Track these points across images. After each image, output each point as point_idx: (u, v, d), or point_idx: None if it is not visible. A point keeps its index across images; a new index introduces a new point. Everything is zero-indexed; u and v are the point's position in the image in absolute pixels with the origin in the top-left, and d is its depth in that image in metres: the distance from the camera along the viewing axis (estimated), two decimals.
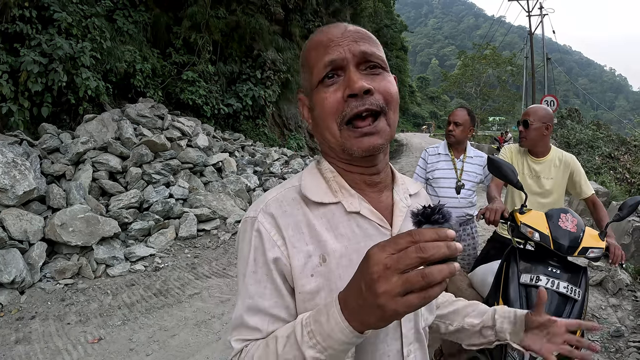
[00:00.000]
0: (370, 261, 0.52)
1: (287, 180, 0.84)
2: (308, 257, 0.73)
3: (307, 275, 0.72)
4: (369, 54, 0.74)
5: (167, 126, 7.96)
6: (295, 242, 0.73)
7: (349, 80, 0.72)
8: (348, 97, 0.71)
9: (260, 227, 0.74)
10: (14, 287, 3.99)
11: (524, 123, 2.45)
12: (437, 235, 0.50)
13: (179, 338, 3.42)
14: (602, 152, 12.36)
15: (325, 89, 0.74)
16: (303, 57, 0.81)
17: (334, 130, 0.74)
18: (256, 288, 0.72)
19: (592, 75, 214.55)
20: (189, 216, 5.93)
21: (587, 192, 2.47)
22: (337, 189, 0.79)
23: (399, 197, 0.85)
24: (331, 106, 0.73)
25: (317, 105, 0.76)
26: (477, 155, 2.91)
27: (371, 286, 0.52)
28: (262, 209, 0.76)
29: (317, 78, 0.75)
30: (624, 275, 4.21)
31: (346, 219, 0.77)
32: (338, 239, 0.75)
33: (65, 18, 6.38)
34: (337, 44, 0.74)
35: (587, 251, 1.71)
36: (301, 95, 0.85)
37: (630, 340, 3.30)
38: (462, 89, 38.60)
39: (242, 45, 12.08)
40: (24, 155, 5.00)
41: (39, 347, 3.26)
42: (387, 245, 0.52)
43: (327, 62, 0.73)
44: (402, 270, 0.50)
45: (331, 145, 0.78)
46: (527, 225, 1.77)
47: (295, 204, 0.77)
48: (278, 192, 0.79)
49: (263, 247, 0.73)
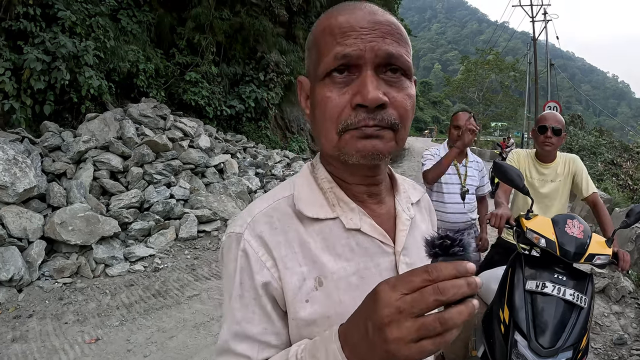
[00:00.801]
0: (380, 302, 0.46)
1: (277, 187, 0.75)
2: (302, 280, 0.65)
3: (302, 300, 0.64)
4: (395, 57, 0.61)
5: (169, 126, 7.95)
6: (287, 263, 0.65)
7: (363, 86, 0.59)
8: (357, 105, 0.60)
9: (247, 247, 0.65)
10: (12, 285, 3.96)
11: (555, 131, 2.39)
12: (457, 270, 0.44)
13: (177, 340, 3.39)
14: (604, 158, 12.34)
15: (331, 86, 0.62)
16: (312, 37, 0.68)
17: (332, 136, 0.63)
18: (243, 313, 0.65)
19: (595, 81, 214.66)
20: (189, 217, 5.91)
21: (588, 191, 2.44)
22: (335, 202, 0.70)
23: (401, 208, 0.76)
24: (334, 111, 0.61)
25: (318, 103, 0.64)
26: (476, 161, 2.88)
27: (381, 330, 0.46)
28: (249, 224, 0.67)
29: (325, 70, 0.62)
30: (627, 282, 4.18)
31: (345, 236, 0.68)
32: (336, 260, 0.67)
33: (69, 16, 6.38)
34: (358, 35, 0.60)
35: (593, 258, 1.68)
36: (302, 77, 0.73)
37: (633, 348, 3.26)
38: (465, 94, 38.52)
39: (246, 47, 12.08)
40: (25, 153, 4.98)
41: (36, 346, 3.23)
42: (400, 284, 0.46)
43: (339, 55, 0.60)
44: (417, 314, 0.44)
45: (326, 148, 0.67)
46: (533, 231, 1.74)
47: (287, 219, 0.68)
48: (267, 205, 0.70)
49: (250, 270, 0.64)
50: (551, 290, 1.63)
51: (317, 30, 0.67)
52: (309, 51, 0.70)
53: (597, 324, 3.63)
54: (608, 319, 3.74)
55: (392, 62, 0.61)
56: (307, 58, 0.71)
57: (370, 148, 0.61)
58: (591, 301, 1.69)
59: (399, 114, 0.62)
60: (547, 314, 1.60)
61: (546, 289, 1.64)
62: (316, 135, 0.69)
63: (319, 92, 0.64)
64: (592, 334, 3.48)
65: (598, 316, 3.76)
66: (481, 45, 48.98)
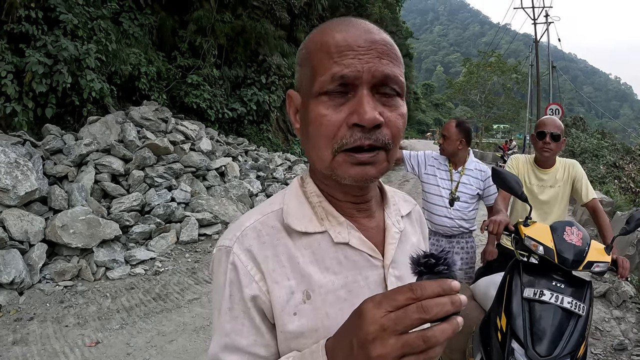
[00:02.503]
0: (365, 319, 0.47)
1: (267, 201, 0.75)
2: (290, 294, 0.65)
3: (290, 313, 0.65)
4: (390, 78, 0.62)
5: (171, 129, 7.96)
6: (276, 277, 0.65)
7: (360, 106, 0.59)
8: (353, 125, 0.60)
9: (236, 260, 0.66)
10: (13, 288, 3.97)
11: (554, 136, 2.39)
12: (441, 288, 0.45)
13: (177, 344, 3.39)
14: (606, 161, 12.30)
15: (326, 103, 0.61)
16: (305, 53, 0.67)
17: (326, 155, 0.63)
18: (233, 325, 0.66)
19: (597, 83, 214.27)
20: (190, 220, 5.91)
21: (588, 197, 2.43)
22: (324, 216, 0.70)
23: (391, 222, 0.76)
24: (329, 129, 0.61)
25: (312, 120, 0.63)
26: (478, 169, 2.84)
27: (365, 347, 0.46)
28: (238, 238, 0.68)
29: (320, 88, 0.62)
30: (628, 287, 4.16)
31: (333, 250, 0.68)
32: (324, 273, 0.67)
33: (71, 20, 6.40)
34: (356, 55, 0.60)
35: (592, 265, 1.68)
36: (292, 92, 0.71)
37: (634, 353, 3.25)
38: (467, 96, 38.47)
39: (247, 50, 12.10)
40: (26, 156, 5.00)
41: (36, 349, 3.24)
42: (384, 302, 0.46)
43: (336, 76, 0.60)
44: (401, 331, 0.45)
45: (317, 165, 0.68)
46: (531, 238, 1.74)
47: (275, 233, 0.68)
48: (256, 219, 0.70)
49: (239, 283, 0.65)
50: (549, 298, 1.63)
51: (311, 46, 0.66)
52: (301, 66, 0.69)
53: (597, 329, 3.62)
54: (609, 324, 3.73)
55: (388, 83, 0.62)
56: (297, 72, 0.71)
57: (362, 175, 0.62)
58: (590, 309, 1.68)
59: (392, 134, 0.63)
60: (545, 321, 1.60)
61: (544, 297, 1.63)
62: (307, 151, 0.69)
63: (313, 109, 0.63)
64: (593, 339, 3.47)
65: (598, 321, 3.75)
66: (483, 48, 48.98)
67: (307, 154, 0.70)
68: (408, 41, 33.41)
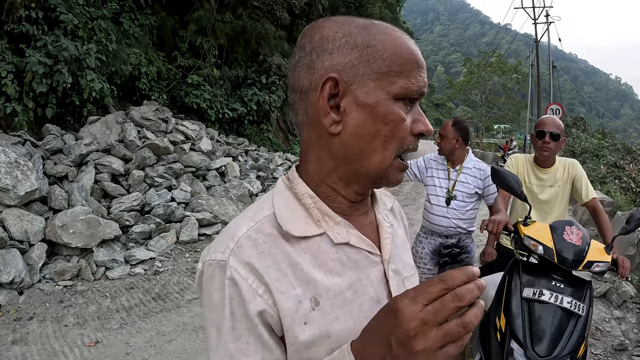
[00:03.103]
0: (403, 316, 0.47)
1: (254, 206, 0.71)
2: (298, 303, 0.62)
3: (300, 323, 0.61)
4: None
5: (171, 129, 7.96)
6: (280, 287, 0.61)
7: (424, 119, 0.66)
8: (419, 133, 0.66)
9: (235, 275, 0.60)
10: (13, 288, 3.97)
11: (554, 136, 2.38)
12: (467, 276, 0.47)
13: (176, 343, 3.39)
14: (607, 161, 12.28)
15: (405, 109, 0.64)
16: (378, 44, 0.63)
17: (389, 156, 0.64)
18: (237, 345, 0.60)
19: (598, 83, 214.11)
20: (190, 220, 5.91)
21: (588, 196, 2.42)
22: (320, 217, 0.67)
23: (382, 217, 0.77)
24: (405, 133, 0.64)
25: (389, 121, 0.62)
26: (477, 168, 2.83)
27: (407, 344, 0.47)
28: (232, 250, 0.62)
29: (402, 93, 0.63)
30: (628, 287, 4.16)
31: (334, 251, 0.66)
32: (328, 277, 0.65)
33: (71, 20, 6.40)
34: (424, 75, 0.66)
35: (592, 265, 1.67)
36: (334, 74, 0.63)
37: (634, 354, 3.25)
38: (468, 96, 38.49)
39: (248, 50, 12.10)
40: (26, 156, 5.00)
41: (36, 348, 3.24)
42: (419, 296, 0.48)
43: (420, 90, 0.64)
44: (440, 322, 0.46)
45: (365, 164, 0.65)
46: (531, 238, 1.73)
47: (272, 241, 0.64)
48: (249, 227, 0.65)
49: (242, 299, 0.60)
50: (548, 298, 1.62)
51: (395, 43, 0.64)
52: (361, 51, 0.63)
53: (597, 329, 3.61)
54: (609, 324, 3.72)
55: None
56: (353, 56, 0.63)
57: (401, 180, 0.70)
58: (589, 309, 1.68)
59: None
60: (544, 322, 1.59)
61: (543, 297, 1.63)
62: (357, 148, 0.65)
63: (395, 111, 0.63)
64: (593, 339, 3.46)
65: (599, 321, 3.74)
66: (484, 48, 48.97)
67: (348, 152, 0.65)
68: None
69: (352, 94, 0.63)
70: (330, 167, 0.68)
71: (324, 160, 0.68)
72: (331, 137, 0.65)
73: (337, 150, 0.66)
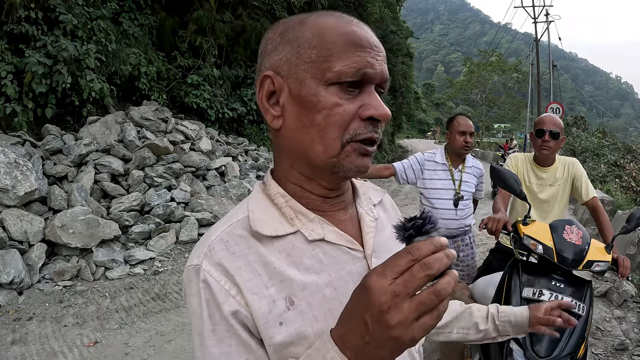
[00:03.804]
0: (374, 291, 0.46)
1: (232, 211, 0.71)
2: (272, 303, 0.61)
3: (275, 324, 0.60)
4: (387, 83, 0.65)
5: (171, 129, 7.95)
6: (253, 288, 0.61)
7: (377, 102, 0.61)
8: (368, 118, 0.61)
9: (207, 277, 0.61)
10: (13, 288, 3.97)
11: (553, 134, 2.36)
12: (434, 246, 0.47)
13: (175, 343, 3.38)
14: (607, 160, 12.29)
15: (341, 94, 0.60)
16: (310, 35, 0.63)
17: (334, 145, 0.61)
18: (220, 348, 0.60)
19: (598, 82, 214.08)
20: (190, 220, 5.91)
21: (588, 196, 2.42)
22: (293, 215, 0.67)
23: (364, 211, 0.75)
24: (344, 119, 0.60)
25: (322, 109, 0.61)
26: (475, 166, 2.83)
27: (381, 319, 0.46)
28: (205, 254, 0.62)
29: (336, 78, 0.60)
30: (629, 286, 4.15)
31: (310, 248, 0.65)
32: (305, 275, 0.63)
33: (70, 20, 6.39)
34: (375, 56, 0.62)
35: (592, 264, 1.66)
36: (271, 72, 0.65)
37: (634, 353, 3.24)
38: (468, 95, 38.51)
39: (248, 50, 12.09)
40: (26, 156, 5.00)
41: (35, 348, 3.24)
42: (387, 270, 0.47)
43: (361, 71, 0.60)
44: (412, 294, 0.46)
45: (313, 156, 0.63)
46: (530, 237, 1.72)
47: (244, 242, 0.64)
48: (222, 230, 0.65)
49: (216, 301, 0.60)
50: (548, 298, 1.61)
51: (322, 29, 0.63)
52: (294, 46, 0.64)
53: (598, 329, 3.60)
54: (610, 323, 3.72)
55: (384, 86, 0.65)
56: (285, 51, 0.65)
57: (365, 166, 0.64)
58: (590, 309, 1.67)
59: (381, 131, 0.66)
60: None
61: (543, 297, 1.62)
62: (300, 141, 0.64)
63: (326, 98, 0.60)
64: (594, 339, 3.45)
65: (599, 321, 3.74)
66: (484, 47, 48.93)
67: (296, 143, 0.65)
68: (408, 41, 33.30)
69: (288, 88, 0.63)
70: (288, 163, 0.69)
71: (282, 158, 0.70)
72: (277, 133, 0.67)
73: (284, 145, 0.67)
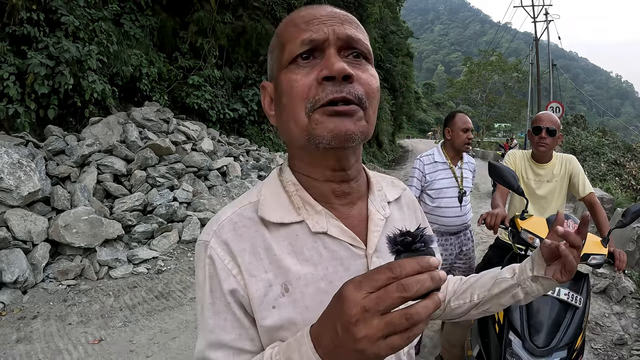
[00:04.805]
0: (346, 302, 0.46)
1: (245, 193, 0.74)
2: (268, 287, 0.64)
3: (269, 307, 0.64)
4: (354, 40, 0.64)
5: (172, 130, 7.99)
6: (252, 270, 0.64)
7: (327, 60, 0.61)
8: (323, 79, 0.60)
9: (213, 254, 0.65)
10: (17, 287, 4.01)
11: (550, 131, 2.40)
12: (420, 266, 0.44)
13: (179, 341, 3.42)
14: (607, 158, 12.31)
15: (296, 69, 0.63)
16: (275, 38, 0.70)
17: (301, 118, 0.62)
18: (215, 321, 0.64)
19: (598, 81, 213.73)
20: (192, 220, 5.94)
21: (585, 191, 2.45)
22: (301, 204, 0.69)
23: (375, 208, 0.74)
24: (301, 89, 0.62)
25: (284, 89, 0.64)
26: (470, 162, 2.91)
27: (349, 330, 0.46)
28: (214, 231, 0.67)
29: (289, 57, 0.64)
30: (628, 282, 4.18)
31: (312, 240, 0.67)
32: (302, 265, 0.66)
33: (72, 21, 6.43)
34: (320, 22, 0.63)
35: (588, 258, 1.69)
36: (266, 82, 0.72)
37: (633, 348, 3.27)
38: (468, 95, 38.56)
39: (248, 51, 12.12)
40: (29, 157, 5.04)
41: (40, 346, 3.27)
42: (364, 283, 0.46)
43: (305, 40, 0.62)
44: (383, 312, 0.44)
45: (294, 137, 0.66)
46: (528, 231, 1.75)
47: (251, 225, 0.67)
48: (233, 211, 0.69)
49: (218, 277, 0.64)
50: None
51: (280, 29, 0.69)
52: (272, 52, 0.70)
53: (597, 325, 3.63)
54: (609, 319, 3.75)
55: (353, 45, 0.64)
56: (270, 60, 0.71)
57: (342, 128, 0.61)
58: (587, 301, 1.70)
59: (365, 91, 0.63)
60: (542, 313, 1.62)
61: None
62: (284, 128, 0.68)
63: (285, 79, 0.64)
64: (593, 334, 3.48)
65: (599, 316, 3.76)
66: (484, 47, 48.94)
67: (284, 132, 0.69)
68: (408, 41, 33.31)
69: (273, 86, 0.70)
70: (292, 154, 0.73)
71: (289, 152, 0.74)
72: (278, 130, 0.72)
73: (283, 139, 0.71)
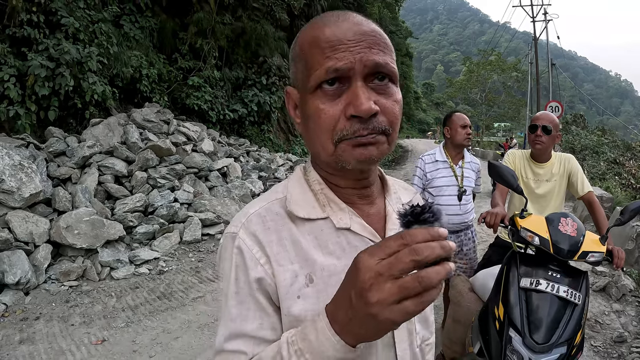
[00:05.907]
0: (360, 268, 0.48)
1: (272, 189, 0.78)
2: (294, 277, 0.67)
3: (294, 296, 0.66)
4: (382, 66, 0.63)
5: (173, 131, 8.01)
6: (280, 260, 0.67)
7: (355, 98, 0.61)
8: (351, 116, 0.61)
9: (241, 244, 0.68)
10: (19, 288, 4.02)
11: (545, 130, 2.43)
12: (430, 235, 0.46)
13: (181, 340, 3.43)
14: (607, 157, 12.33)
15: (323, 98, 0.64)
16: (298, 49, 0.69)
17: (328, 146, 0.65)
18: (239, 310, 0.67)
19: (598, 80, 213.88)
20: (193, 220, 5.96)
21: (584, 190, 2.47)
22: (326, 202, 0.72)
23: (392, 208, 0.77)
24: (328, 122, 0.63)
25: (311, 114, 0.66)
26: (473, 161, 2.93)
27: (362, 295, 0.47)
28: (243, 224, 0.70)
29: (316, 82, 0.64)
30: (627, 280, 4.20)
31: (335, 235, 0.70)
32: (326, 257, 0.69)
33: (72, 23, 6.46)
34: (347, 48, 0.62)
35: (587, 255, 1.71)
36: (290, 88, 0.74)
37: (633, 346, 3.28)
38: (467, 95, 38.61)
39: (248, 51, 12.15)
40: (30, 158, 5.05)
41: (43, 347, 3.29)
42: (377, 250, 0.48)
43: (330, 69, 0.62)
44: (396, 276, 0.46)
45: (321, 158, 0.70)
46: (527, 230, 1.78)
47: (279, 219, 0.71)
48: (260, 206, 0.73)
49: (245, 266, 0.67)
50: (545, 287, 1.67)
51: (304, 42, 0.68)
52: (295, 62, 0.71)
53: (597, 322, 3.65)
54: (608, 317, 3.76)
55: (380, 70, 0.63)
56: (292, 68, 0.73)
57: (366, 155, 0.63)
58: (586, 298, 1.72)
59: (389, 120, 0.64)
60: (542, 310, 1.64)
61: (540, 286, 1.67)
62: (310, 142, 0.71)
63: (312, 104, 0.65)
64: (593, 332, 3.50)
65: (598, 314, 3.78)
66: (483, 46, 48.97)
67: (309, 145, 0.72)
68: (408, 40, 33.39)
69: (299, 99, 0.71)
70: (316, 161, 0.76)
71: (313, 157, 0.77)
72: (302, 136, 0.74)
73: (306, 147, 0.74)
